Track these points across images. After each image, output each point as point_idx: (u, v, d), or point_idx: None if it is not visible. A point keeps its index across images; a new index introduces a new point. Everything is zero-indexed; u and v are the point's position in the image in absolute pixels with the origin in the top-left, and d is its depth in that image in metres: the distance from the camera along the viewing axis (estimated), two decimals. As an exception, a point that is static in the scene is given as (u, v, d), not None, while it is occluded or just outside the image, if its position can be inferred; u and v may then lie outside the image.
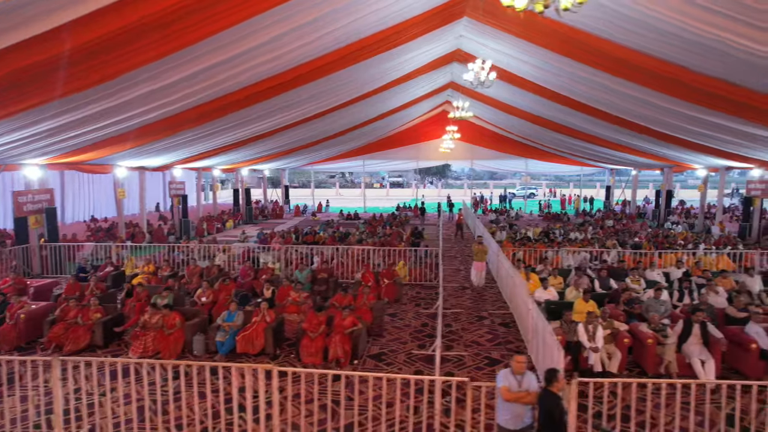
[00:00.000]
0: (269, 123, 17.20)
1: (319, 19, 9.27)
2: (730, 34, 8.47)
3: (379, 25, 11.13)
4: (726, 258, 14.38)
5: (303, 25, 9.04)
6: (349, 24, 10.20)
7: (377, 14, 10.44)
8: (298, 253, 14.73)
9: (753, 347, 7.18)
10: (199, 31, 7.78)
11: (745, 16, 7.59)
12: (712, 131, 14.98)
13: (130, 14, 6.36)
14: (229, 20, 7.81)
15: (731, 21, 7.99)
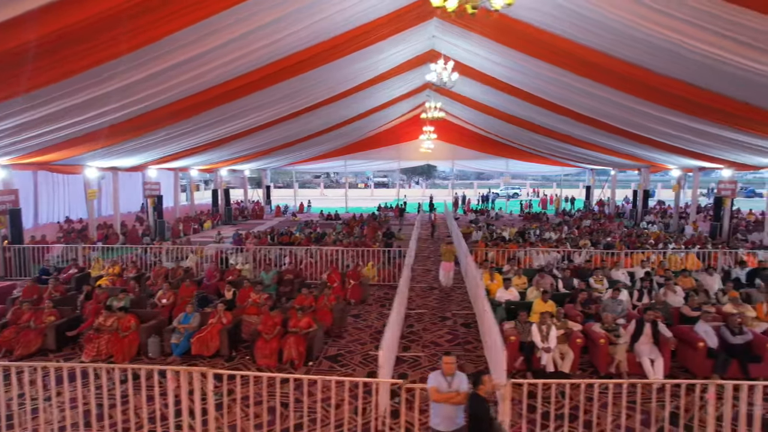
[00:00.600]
0: (243, 123, 17.09)
1: (281, 19, 9.23)
2: (685, 37, 8.60)
3: (345, 25, 11.10)
4: (693, 257, 14.57)
5: (268, 23, 8.98)
6: (314, 24, 10.16)
7: (342, 14, 10.41)
8: (271, 254, 14.67)
9: (700, 346, 7.27)
10: (163, 27, 7.65)
11: (701, 21, 7.72)
12: (679, 132, 15.17)
13: (93, 5, 6.19)
14: (190, 17, 7.69)
15: (688, 25, 8.12)
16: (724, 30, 7.95)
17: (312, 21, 9.99)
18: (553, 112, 17.89)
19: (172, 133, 15.73)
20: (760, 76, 8.83)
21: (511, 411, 6.03)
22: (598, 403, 6.49)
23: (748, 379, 7.17)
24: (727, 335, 7.46)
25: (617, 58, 10.96)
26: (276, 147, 23.96)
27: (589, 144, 21.88)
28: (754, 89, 9.95)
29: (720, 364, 7.19)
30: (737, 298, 8.82)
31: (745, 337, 7.41)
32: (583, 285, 9.94)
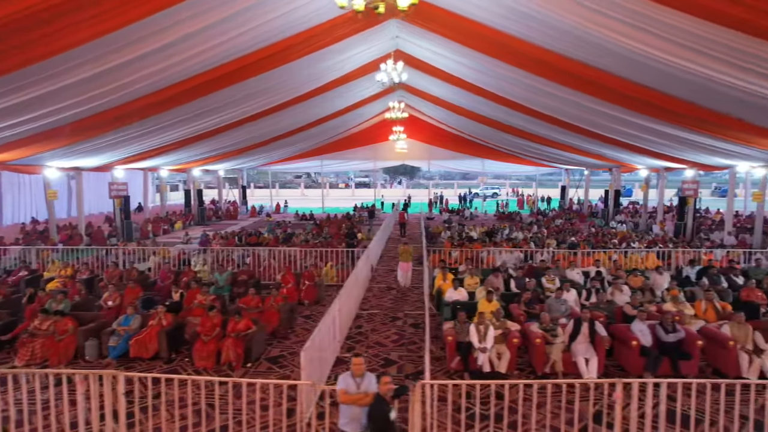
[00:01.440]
0: (208, 122, 16.93)
1: (238, 14, 9.13)
2: (628, 39, 8.72)
3: (301, 24, 11.04)
4: (653, 256, 14.75)
5: (224, 19, 8.88)
6: (269, 21, 10.09)
7: (296, 13, 10.35)
8: (233, 255, 14.56)
9: (633, 344, 7.34)
10: (122, 16, 7.45)
11: (652, 27, 7.85)
12: (637, 132, 15.37)
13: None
14: (149, 6, 7.54)
15: (630, 27, 8.24)
16: (663, 33, 8.09)
17: (266, 19, 9.93)
18: (519, 113, 18.02)
19: (134, 132, 15.52)
20: (697, 77, 8.98)
21: (440, 412, 6.07)
22: (527, 403, 6.55)
23: (679, 376, 7.28)
24: (661, 333, 7.55)
25: (572, 59, 11.08)
26: (247, 147, 23.79)
27: (558, 144, 22.06)
28: (698, 90, 10.11)
29: (651, 362, 7.28)
30: (677, 296, 8.93)
31: (678, 335, 7.50)
32: (532, 285, 9.96)
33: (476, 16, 11.08)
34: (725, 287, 10.45)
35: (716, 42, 7.70)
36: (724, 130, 12.71)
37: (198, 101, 13.68)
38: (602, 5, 7.95)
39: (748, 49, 7.61)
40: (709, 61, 8.45)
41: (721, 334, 7.49)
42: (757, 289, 9.78)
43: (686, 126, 12.98)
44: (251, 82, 13.35)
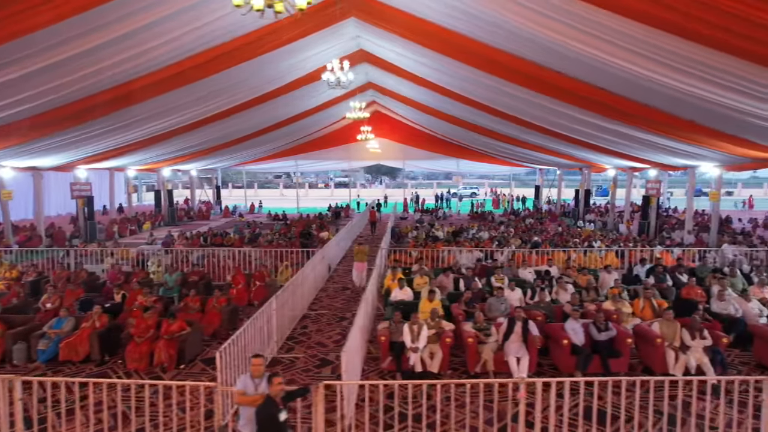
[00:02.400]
0: (171, 120, 16.72)
1: (187, 10, 9.03)
2: (571, 40, 8.80)
3: (252, 23, 10.90)
4: (612, 255, 14.89)
5: (168, 16, 8.77)
6: (218, 19, 9.99)
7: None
8: (194, 256, 14.41)
9: (564, 343, 7.38)
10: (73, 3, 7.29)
11: (590, 28, 7.94)
12: (597, 132, 15.53)
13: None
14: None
15: (570, 28, 8.31)
16: (602, 35, 8.19)
17: (216, 16, 9.82)
18: (485, 113, 18.11)
19: (95, 130, 15.19)
20: (634, 76, 9.09)
21: (363, 412, 6.04)
22: (452, 403, 6.55)
23: (609, 373, 7.33)
24: (593, 332, 7.60)
25: (524, 59, 11.18)
26: (215, 147, 23.57)
27: (526, 144, 22.22)
28: (645, 92, 10.24)
29: (582, 360, 7.32)
30: (616, 295, 9.01)
31: (609, 334, 7.56)
32: (478, 285, 9.96)
33: (428, 15, 11.11)
34: (670, 285, 10.57)
35: (656, 45, 7.82)
36: (675, 131, 12.88)
37: (160, 98, 13.47)
38: (540, 5, 8.03)
39: (681, 51, 7.74)
40: (651, 64, 8.57)
41: (650, 332, 7.56)
42: (697, 287, 9.91)
43: (639, 126, 13.14)
44: (211, 79, 13.22)
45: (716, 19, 6.55)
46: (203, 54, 11.53)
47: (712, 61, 7.62)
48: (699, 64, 7.91)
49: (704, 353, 7.25)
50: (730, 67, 7.66)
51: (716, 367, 7.23)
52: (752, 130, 10.77)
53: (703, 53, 7.47)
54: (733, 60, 7.40)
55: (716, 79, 8.22)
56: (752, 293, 9.65)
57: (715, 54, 7.39)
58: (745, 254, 14.36)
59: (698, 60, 7.73)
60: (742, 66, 7.52)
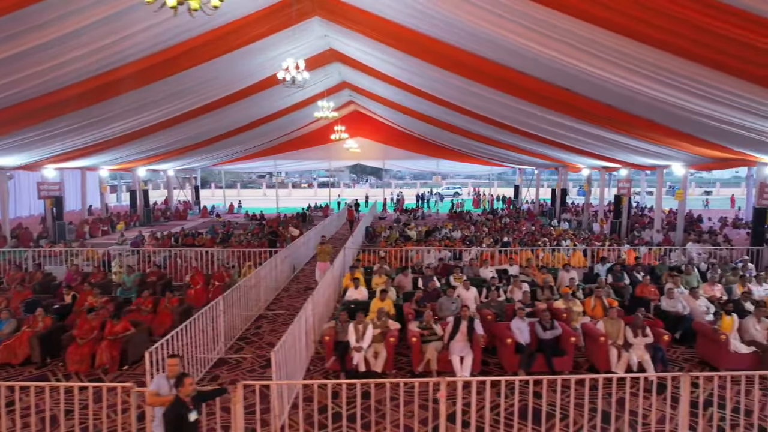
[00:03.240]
0: (139, 120, 16.49)
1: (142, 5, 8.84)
2: (533, 43, 8.83)
3: (213, 20, 10.77)
4: (579, 254, 14.98)
5: (131, 7, 8.62)
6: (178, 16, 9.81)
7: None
8: (161, 256, 14.26)
9: (508, 342, 7.38)
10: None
11: (537, 26, 7.97)
12: (566, 131, 15.60)
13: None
14: None
15: (525, 29, 8.34)
16: (554, 33, 8.20)
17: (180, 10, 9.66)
18: (457, 112, 18.14)
19: (61, 128, 14.91)
20: (590, 76, 9.13)
21: (301, 412, 6.00)
22: (390, 402, 6.52)
23: (553, 372, 7.35)
24: (539, 330, 7.61)
25: (487, 59, 11.20)
26: (190, 146, 23.35)
27: (500, 143, 22.27)
28: (599, 90, 10.29)
29: (524, 359, 7.32)
30: (568, 294, 9.03)
31: (554, 332, 7.58)
32: (434, 284, 9.95)
33: (389, 15, 11.08)
34: (627, 284, 10.64)
35: (603, 44, 7.87)
36: (636, 130, 12.98)
37: (128, 95, 13.23)
38: (491, 4, 8.04)
39: (624, 48, 7.79)
40: (603, 63, 8.63)
41: (595, 330, 7.60)
42: (651, 285, 9.99)
43: (603, 125, 13.23)
44: (180, 76, 13.05)
45: (654, 18, 6.61)
46: (171, 50, 11.35)
47: (658, 61, 7.68)
48: (647, 64, 7.97)
49: (646, 350, 7.30)
50: (676, 67, 7.73)
51: (657, 364, 7.28)
52: (705, 129, 10.90)
53: (648, 53, 7.53)
54: (679, 61, 7.46)
55: (665, 78, 8.28)
56: (703, 291, 9.74)
57: (660, 54, 7.44)
58: (708, 253, 14.52)
59: (646, 60, 7.79)
60: (687, 66, 7.58)
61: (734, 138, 11.18)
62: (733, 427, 6.03)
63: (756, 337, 7.53)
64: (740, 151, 12.59)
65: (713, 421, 5.92)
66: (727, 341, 7.39)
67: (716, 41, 6.46)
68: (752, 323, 7.63)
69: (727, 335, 7.42)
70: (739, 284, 9.73)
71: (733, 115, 9.21)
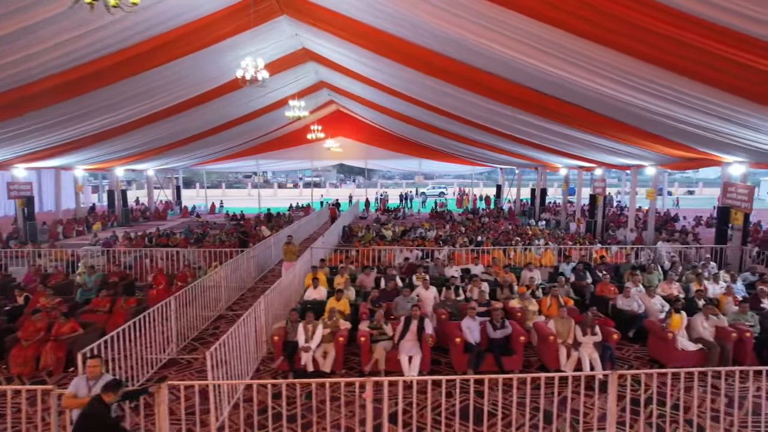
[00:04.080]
0: (109, 118, 16.31)
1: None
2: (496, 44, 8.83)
3: (177, 17, 10.68)
4: (550, 253, 15.03)
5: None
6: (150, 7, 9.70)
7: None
8: (130, 257, 14.10)
9: (457, 341, 7.36)
10: None
11: (494, 26, 7.95)
12: (538, 131, 15.64)
13: None
14: None
15: (481, 27, 8.33)
16: (509, 32, 8.20)
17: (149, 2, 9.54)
18: (432, 112, 18.13)
19: (28, 126, 14.69)
20: (551, 76, 9.15)
21: (242, 412, 5.95)
22: (332, 403, 6.48)
23: (502, 371, 7.35)
24: (489, 330, 7.61)
25: (455, 60, 11.18)
26: (166, 146, 23.13)
27: (478, 143, 22.30)
28: (562, 89, 10.32)
29: (473, 358, 7.30)
30: (525, 293, 9.04)
31: (505, 332, 7.57)
32: (393, 284, 9.90)
33: (355, 15, 11.05)
34: (589, 283, 10.68)
35: (557, 44, 7.88)
36: (605, 130, 13.04)
37: (96, 93, 13.05)
38: (448, 4, 8.02)
39: (578, 49, 7.81)
40: (561, 63, 8.64)
41: (545, 329, 7.60)
42: (610, 284, 10.03)
43: (571, 125, 13.28)
44: (150, 74, 12.93)
45: (596, 17, 6.63)
46: (138, 46, 11.19)
47: (619, 64, 7.69)
48: (606, 65, 7.99)
49: (595, 349, 7.31)
50: (637, 70, 7.75)
51: (606, 362, 7.30)
52: (670, 130, 10.98)
53: (608, 55, 7.55)
54: (639, 64, 7.47)
55: (627, 80, 8.31)
56: (660, 289, 9.80)
57: (620, 57, 7.45)
58: (678, 252, 14.63)
59: (604, 61, 7.81)
60: (648, 69, 7.60)
61: (697, 138, 11.27)
62: (671, 424, 6.05)
63: (703, 335, 7.58)
64: (704, 152, 12.68)
65: (652, 418, 5.94)
66: (674, 339, 7.43)
67: (671, 45, 6.49)
68: (700, 321, 7.68)
69: (674, 333, 7.46)
70: (696, 282, 9.79)
71: (693, 116, 9.27)
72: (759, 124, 8.68)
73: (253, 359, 7.76)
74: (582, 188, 24.16)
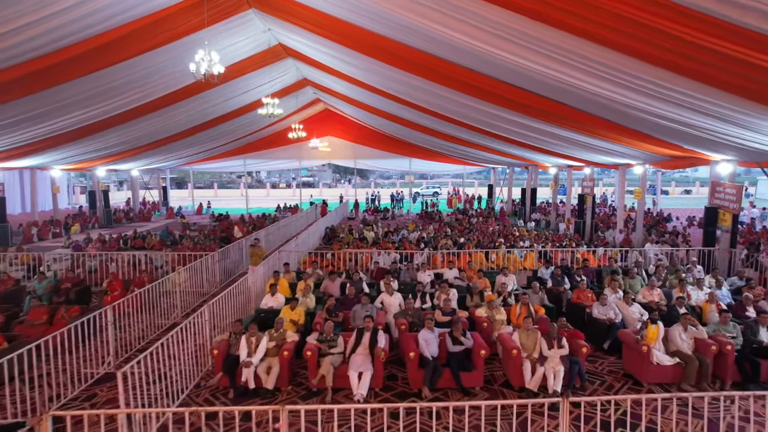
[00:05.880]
0: (77, 117, 15.74)
1: None
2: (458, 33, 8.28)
3: (135, 8, 10.09)
4: (532, 256, 14.43)
5: None
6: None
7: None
8: (95, 261, 13.52)
9: (411, 356, 6.76)
10: None
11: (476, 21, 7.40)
12: (522, 130, 15.07)
13: None
14: None
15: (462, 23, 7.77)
16: (490, 28, 7.63)
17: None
18: (417, 110, 17.59)
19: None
20: (531, 71, 8.59)
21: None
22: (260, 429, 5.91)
23: (461, 388, 6.76)
24: (448, 343, 7.02)
25: (438, 58, 10.64)
26: (146, 145, 22.54)
27: (466, 142, 21.71)
28: (542, 86, 9.75)
29: (429, 374, 6.70)
30: (493, 301, 8.43)
31: (466, 345, 6.98)
32: (352, 290, 9.31)
33: (326, 9, 10.48)
34: (567, 288, 10.09)
35: (534, 37, 7.30)
36: (591, 129, 12.45)
37: (61, 88, 12.48)
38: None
39: (557, 42, 7.22)
40: (539, 57, 8.06)
41: (509, 342, 7.00)
42: (588, 290, 9.41)
43: (557, 123, 12.70)
44: (115, 69, 12.36)
45: (577, 9, 6.04)
46: (103, 36, 10.60)
47: (602, 58, 7.10)
48: (583, 58, 7.40)
49: (562, 363, 6.71)
50: (621, 65, 7.16)
51: (574, 378, 6.71)
52: (656, 128, 10.41)
53: (580, 45, 6.95)
54: (623, 57, 6.87)
55: (611, 76, 7.72)
56: (641, 295, 9.21)
57: (604, 51, 6.86)
58: (666, 254, 14.03)
59: (579, 53, 7.21)
60: (632, 63, 7.00)
61: (683, 136, 10.67)
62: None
63: (681, 348, 6.98)
64: (692, 150, 12.09)
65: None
66: (649, 352, 6.84)
67: (655, 37, 5.88)
68: (678, 332, 7.08)
69: (649, 346, 6.87)
70: (678, 288, 9.18)
71: (679, 113, 8.69)
72: (747, 120, 8.08)
73: (193, 373, 7.18)
74: (572, 188, 23.54)
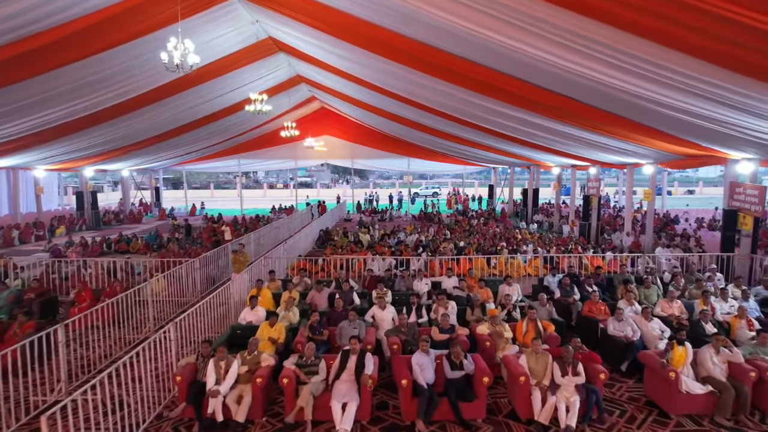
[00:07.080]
0: (55, 114, 14.90)
1: None
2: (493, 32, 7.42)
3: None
4: (537, 262, 13.58)
5: None
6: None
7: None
8: (70, 268, 12.65)
9: (403, 383, 5.86)
10: None
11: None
12: (528, 128, 14.23)
13: None
14: None
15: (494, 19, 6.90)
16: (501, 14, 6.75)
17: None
18: (414, 107, 16.74)
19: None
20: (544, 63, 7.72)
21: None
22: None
23: (461, 421, 5.87)
24: (446, 368, 6.13)
25: (440, 50, 9.82)
26: (134, 144, 21.65)
27: (466, 141, 20.85)
28: (558, 81, 8.88)
29: (423, 405, 5.79)
30: (497, 317, 7.52)
31: (467, 369, 6.09)
32: (339, 303, 8.40)
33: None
34: (577, 299, 9.19)
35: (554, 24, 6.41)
36: (599, 125, 11.58)
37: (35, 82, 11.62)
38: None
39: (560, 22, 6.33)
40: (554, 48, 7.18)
41: (516, 367, 6.10)
42: (600, 302, 8.51)
43: (564, 120, 11.84)
44: (93, 60, 11.56)
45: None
46: (76, 22, 9.74)
47: (617, 44, 6.21)
48: (589, 40, 6.52)
49: (577, 392, 5.81)
50: (636, 50, 6.27)
51: (591, 409, 5.81)
52: (671, 123, 9.53)
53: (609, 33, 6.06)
54: (637, 41, 5.99)
55: (625, 65, 6.84)
56: (660, 308, 8.33)
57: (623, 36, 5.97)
58: (678, 259, 13.15)
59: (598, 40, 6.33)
60: (648, 48, 6.12)
61: (700, 132, 9.79)
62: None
63: (713, 373, 6.08)
64: (709, 147, 11.20)
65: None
66: (678, 379, 5.95)
67: (686, 16, 5.00)
68: (709, 355, 6.18)
69: (677, 372, 5.97)
70: (701, 300, 8.29)
71: (696, 104, 7.81)
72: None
73: (156, 401, 6.30)
74: (576, 188, 22.65)
